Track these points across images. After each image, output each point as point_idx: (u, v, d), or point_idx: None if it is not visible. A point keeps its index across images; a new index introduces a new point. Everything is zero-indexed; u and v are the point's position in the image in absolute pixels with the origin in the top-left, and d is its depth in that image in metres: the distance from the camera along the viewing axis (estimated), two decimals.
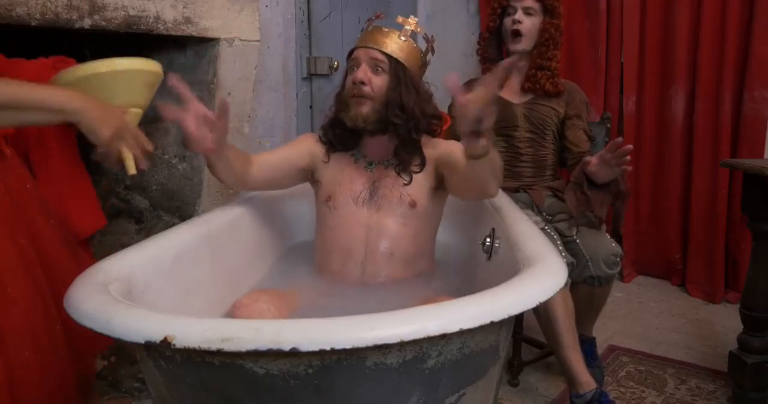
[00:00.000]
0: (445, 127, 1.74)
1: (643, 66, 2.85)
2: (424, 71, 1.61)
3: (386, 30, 1.52)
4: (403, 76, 1.49)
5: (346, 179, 1.56)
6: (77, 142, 1.58)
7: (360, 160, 1.58)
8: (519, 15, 1.96)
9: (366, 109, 1.49)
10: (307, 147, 1.62)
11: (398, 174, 1.55)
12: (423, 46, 1.58)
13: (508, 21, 1.99)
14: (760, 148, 2.57)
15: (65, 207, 1.51)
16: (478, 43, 2.13)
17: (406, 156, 1.54)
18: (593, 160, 1.68)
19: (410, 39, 1.52)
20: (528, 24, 1.96)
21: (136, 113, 1.44)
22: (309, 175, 1.63)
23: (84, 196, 1.61)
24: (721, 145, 2.63)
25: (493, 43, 2.08)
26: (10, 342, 1.18)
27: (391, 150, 1.56)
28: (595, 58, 2.93)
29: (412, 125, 1.51)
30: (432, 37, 1.62)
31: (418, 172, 1.55)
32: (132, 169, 1.29)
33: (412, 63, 1.52)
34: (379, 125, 1.50)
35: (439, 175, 1.56)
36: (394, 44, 1.49)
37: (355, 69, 1.50)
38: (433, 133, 1.60)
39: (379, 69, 1.49)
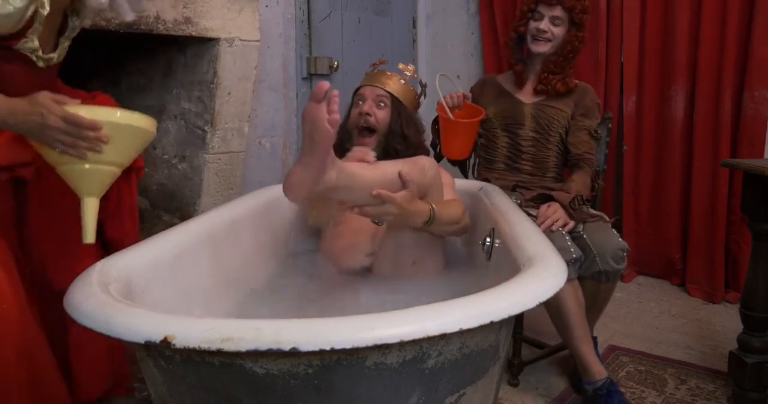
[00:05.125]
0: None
1: (643, 66, 2.85)
2: (417, 111, 1.85)
3: (389, 73, 1.79)
4: (403, 111, 1.74)
5: None
6: None
7: None
8: (545, 24, 2.01)
9: (369, 146, 1.68)
10: None
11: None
12: (418, 89, 1.86)
13: (532, 25, 2.04)
14: (760, 148, 2.56)
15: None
16: (506, 44, 2.19)
17: None
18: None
19: (408, 83, 1.80)
20: (555, 33, 2.02)
21: (112, 173, 1.25)
22: None
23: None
24: (721, 145, 2.63)
25: (518, 45, 2.14)
26: None
27: None
28: (595, 58, 2.93)
29: (411, 154, 1.68)
30: (425, 83, 1.93)
31: None
32: (88, 237, 1.20)
33: (409, 102, 1.78)
34: (382, 155, 1.67)
35: None
36: (395, 85, 1.76)
37: (361, 103, 1.74)
38: None
39: (382, 104, 1.73)
